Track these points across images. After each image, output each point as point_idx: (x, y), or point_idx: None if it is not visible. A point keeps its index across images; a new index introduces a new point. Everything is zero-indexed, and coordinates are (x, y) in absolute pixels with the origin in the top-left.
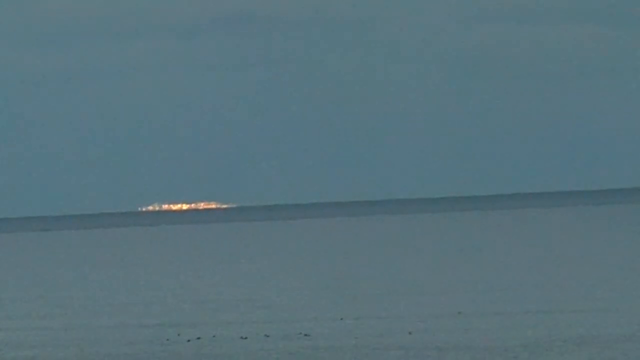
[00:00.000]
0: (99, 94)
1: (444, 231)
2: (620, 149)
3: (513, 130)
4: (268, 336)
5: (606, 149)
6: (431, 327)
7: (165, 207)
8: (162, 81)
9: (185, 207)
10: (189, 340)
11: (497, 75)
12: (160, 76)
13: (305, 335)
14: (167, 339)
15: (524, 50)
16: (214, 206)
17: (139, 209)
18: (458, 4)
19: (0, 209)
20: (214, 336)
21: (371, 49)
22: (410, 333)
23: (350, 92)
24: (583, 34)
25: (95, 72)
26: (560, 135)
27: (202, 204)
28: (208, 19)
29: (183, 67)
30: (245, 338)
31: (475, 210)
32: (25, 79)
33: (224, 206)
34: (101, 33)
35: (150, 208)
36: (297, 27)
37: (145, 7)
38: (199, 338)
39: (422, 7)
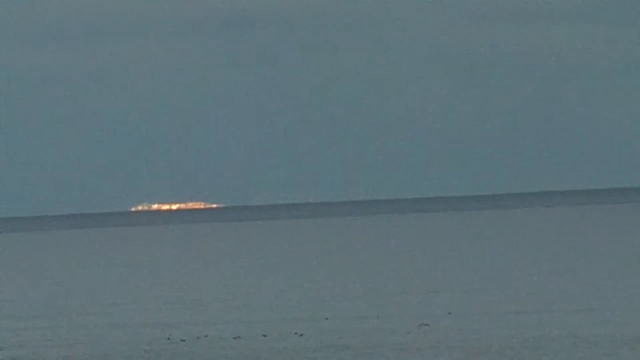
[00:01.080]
0: (90, 94)
1: (437, 231)
2: (621, 148)
3: (512, 130)
4: (265, 336)
5: (605, 148)
6: (424, 326)
7: (154, 207)
8: (152, 82)
9: (174, 207)
10: (183, 340)
11: (496, 75)
12: (151, 77)
13: (300, 335)
14: (168, 338)
15: (523, 50)
16: (202, 206)
17: (129, 209)
18: (458, 3)
19: None
20: (206, 336)
21: (371, 48)
22: (409, 333)
23: (340, 92)
24: (581, 34)
25: (87, 73)
26: (558, 136)
27: (191, 204)
28: (203, 19)
29: (175, 68)
30: (239, 338)
31: (468, 210)
32: (14, 80)
33: (213, 206)
34: (95, 34)
35: (140, 208)
36: (295, 26)
37: (141, 7)
38: (198, 338)
39: (420, 7)
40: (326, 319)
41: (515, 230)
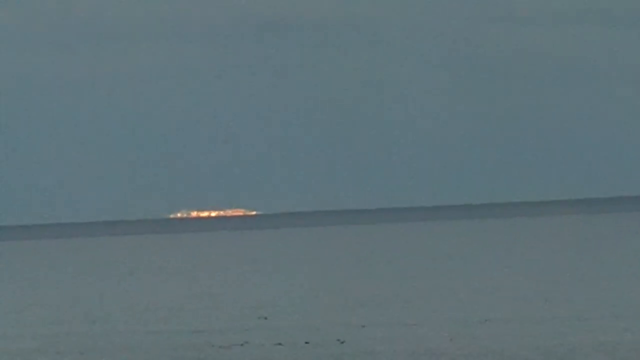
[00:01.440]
0: (130, 100)
1: (462, 239)
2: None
3: (515, 138)
4: (308, 343)
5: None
6: (461, 333)
7: (193, 214)
8: (193, 88)
9: (213, 214)
10: (223, 347)
11: (498, 80)
12: (192, 83)
13: (341, 342)
14: (212, 345)
15: (529, 54)
16: (241, 213)
17: (168, 216)
18: (462, 6)
19: (32, 215)
20: (246, 342)
21: (375, 53)
22: (451, 339)
23: (373, 95)
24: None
25: (124, 77)
26: (561, 144)
27: (229, 211)
28: (240, 24)
29: (214, 73)
30: (280, 344)
31: (482, 218)
32: (49, 83)
33: (252, 213)
34: (142, 36)
35: (179, 215)
36: (320, 32)
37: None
38: (242, 345)
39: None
40: (363, 326)
41: (527, 238)
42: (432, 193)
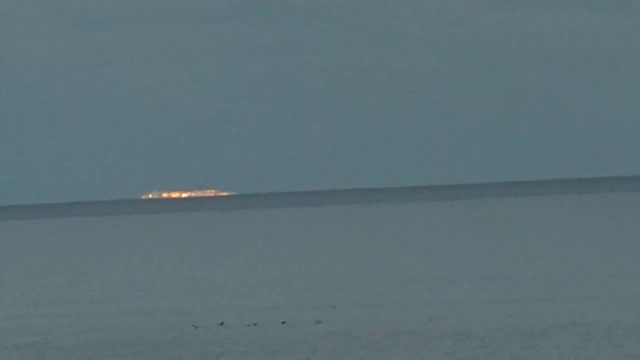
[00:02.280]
0: (100, 82)
1: (444, 219)
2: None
3: (518, 118)
4: (284, 323)
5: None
6: (446, 314)
7: (164, 195)
8: (162, 69)
9: (184, 195)
10: (206, 328)
11: (501, 63)
12: (160, 64)
13: (318, 322)
14: (195, 326)
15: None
16: (213, 194)
17: (140, 196)
18: None
19: (3, 197)
20: (221, 323)
21: (380, 36)
22: (430, 320)
23: (353, 81)
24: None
25: (101, 60)
26: (565, 124)
27: (201, 192)
28: (217, 8)
29: (183, 55)
30: (255, 324)
31: (470, 198)
32: (29, 67)
33: (224, 194)
34: (105, 20)
35: (150, 196)
36: (304, 13)
37: None
38: (221, 323)
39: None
40: (355, 306)
41: (517, 218)
42: (431, 174)
